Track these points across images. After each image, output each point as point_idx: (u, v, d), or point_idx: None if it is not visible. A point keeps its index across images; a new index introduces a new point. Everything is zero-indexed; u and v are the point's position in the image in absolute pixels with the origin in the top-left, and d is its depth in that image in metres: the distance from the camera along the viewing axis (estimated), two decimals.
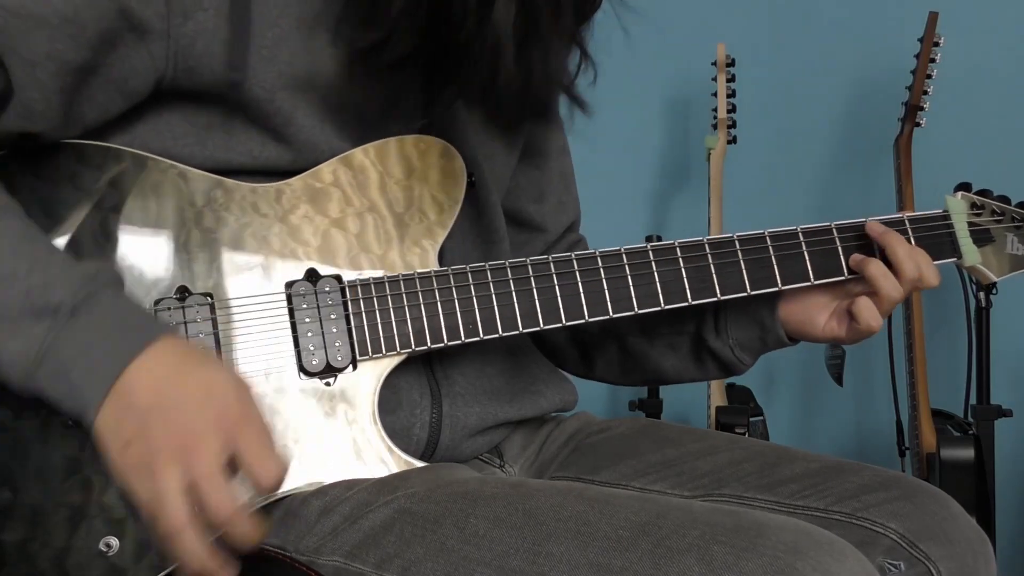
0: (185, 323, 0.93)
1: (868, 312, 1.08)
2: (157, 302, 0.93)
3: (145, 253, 0.94)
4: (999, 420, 2.11)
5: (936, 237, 1.14)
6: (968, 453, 2.02)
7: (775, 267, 1.08)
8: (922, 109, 2.17)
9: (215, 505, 0.80)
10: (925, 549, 0.97)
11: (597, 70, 1.09)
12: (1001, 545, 2.21)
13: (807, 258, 1.09)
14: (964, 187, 1.19)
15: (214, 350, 0.93)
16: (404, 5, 0.92)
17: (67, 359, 0.82)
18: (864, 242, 1.11)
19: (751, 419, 2.15)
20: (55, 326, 0.82)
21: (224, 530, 0.81)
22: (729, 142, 2.27)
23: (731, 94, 2.27)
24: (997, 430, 2.10)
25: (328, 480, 0.95)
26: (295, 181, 0.98)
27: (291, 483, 0.94)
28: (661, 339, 1.19)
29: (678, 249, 1.05)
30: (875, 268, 1.08)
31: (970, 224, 1.16)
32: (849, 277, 1.10)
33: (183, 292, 0.94)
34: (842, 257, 1.10)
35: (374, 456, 0.96)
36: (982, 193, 1.18)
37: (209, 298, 0.94)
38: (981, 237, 1.16)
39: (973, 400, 2.14)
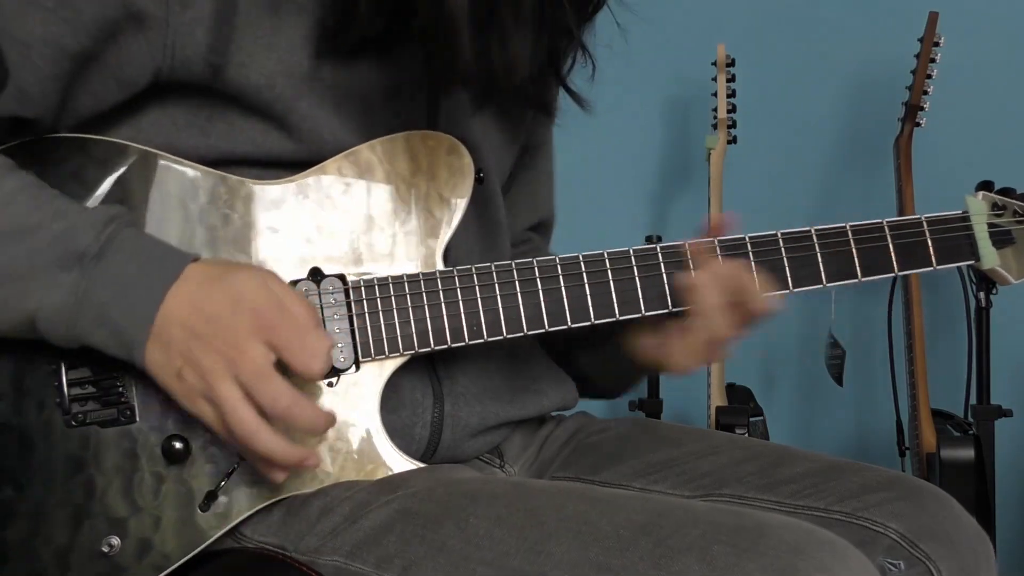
0: None
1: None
2: None
3: None
4: (999, 420, 2.11)
5: (954, 239, 1.11)
6: (968, 453, 2.02)
7: (787, 269, 1.06)
8: (922, 109, 2.18)
9: (270, 399, 0.85)
10: (925, 549, 0.97)
11: (596, 66, 1.09)
12: (1001, 545, 2.22)
13: (820, 260, 1.06)
14: (986, 186, 1.14)
15: (239, 258, 0.95)
16: None
17: (104, 302, 0.85)
18: (880, 244, 1.09)
19: (751, 419, 2.15)
20: (84, 272, 0.85)
21: (288, 421, 0.86)
22: (729, 142, 2.27)
23: (731, 94, 2.27)
24: (997, 430, 2.10)
25: (328, 480, 0.95)
26: (300, 178, 0.98)
27: (291, 483, 0.94)
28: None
29: (688, 250, 1.03)
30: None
31: (990, 225, 1.13)
32: (862, 280, 1.08)
33: None
34: (856, 259, 1.07)
35: (375, 456, 0.96)
36: (1004, 192, 1.15)
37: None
38: (1001, 238, 1.13)
39: (973, 400, 2.14)
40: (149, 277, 0.87)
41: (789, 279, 1.06)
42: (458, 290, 0.98)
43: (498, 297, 0.99)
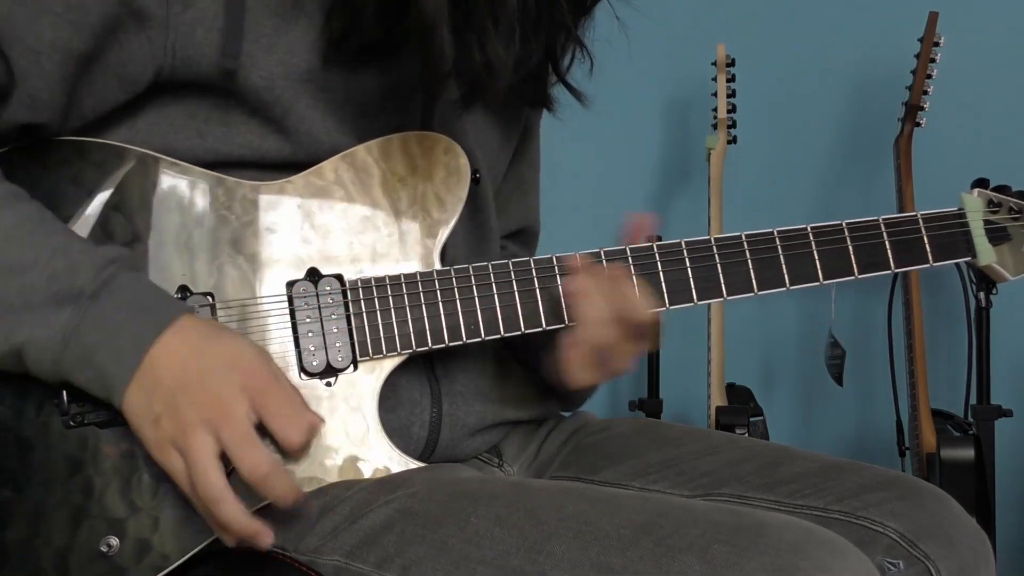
0: None
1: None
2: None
3: (146, 252, 0.94)
4: (999, 420, 2.11)
5: (950, 236, 1.12)
6: (968, 453, 2.02)
7: (783, 267, 1.06)
8: (922, 109, 2.18)
9: (250, 464, 0.84)
10: (924, 548, 0.97)
11: (595, 62, 1.09)
12: (1001, 545, 2.21)
13: (816, 257, 1.07)
14: (981, 183, 1.15)
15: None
16: None
17: (91, 344, 0.85)
18: (876, 241, 1.09)
19: (751, 419, 2.15)
20: (78, 311, 0.85)
21: (262, 490, 0.86)
22: (729, 142, 2.27)
23: (731, 94, 2.27)
24: (997, 430, 2.10)
25: (328, 480, 0.95)
26: (297, 179, 0.98)
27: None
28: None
29: (684, 248, 1.04)
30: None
31: (986, 222, 1.13)
32: (859, 277, 1.08)
33: (184, 292, 0.94)
34: (852, 256, 1.08)
35: (374, 456, 0.96)
36: (1000, 189, 1.15)
37: (210, 298, 0.94)
38: (997, 235, 1.13)
39: (973, 400, 2.14)
40: (141, 323, 0.86)
41: (786, 277, 1.06)
42: (455, 289, 0.99)
43: (495, 296, 0.99)
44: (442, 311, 0.98)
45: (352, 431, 0.96)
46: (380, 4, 0.92)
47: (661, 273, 1.03)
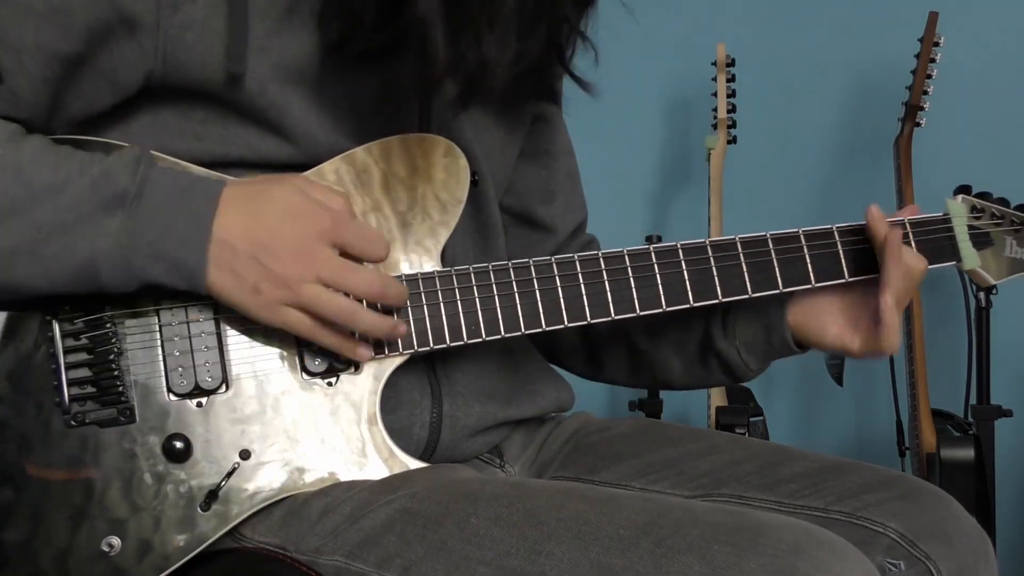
0: (188, 322, 0.93)
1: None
2: (159, 300, 0.93)
3: None
4: (999, 420, 2.11)
5: (936, 240, 1.14)
6: (968, 453, 2.02)
7: (776, 269, 1.07)
8: (922, 109, 2.18)
9: (364, 285, 0.92)
10: (925, 548, 0.97)
11: (598, 52, 1.09)
12: (1001, 545, 2.22)
13: (808, 261, 1.08)
14: (964, 190, 1.18)
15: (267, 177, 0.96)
16: None
17: (155, 239, 0.87)
18: (866, 246, 1.10)
19: (751, 419, 2.15)
20: (129, 213, 0.86)
21: (383, 299, 0.93)
22: (729, 142, 2.27)
23: (731, 94, 2.27)
24: (997, 430, 2.10)
25: (329, 480, 0.95)
26: None
27: (292, 483, 0.94)
28: (669, 338, 1.19)
29: (680, 251, 1.05)
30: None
31: (970, 227, 1.15)
32: (849, 280, 1.10)
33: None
34: (843, 260, 1.10)
35: (375, 456, 0.96)
36: (982, 196, 1.18)
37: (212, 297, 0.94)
38: (980, 240, 1.16)
39: (973, 400, 2.14)
40: (192, 206, 0.88)
41: (779, 279, 1.07)
42: (456, 290, 0.99)
43: (496, 297, 1.00)
44: (443, 311, 0.98)
45: (354, 431, 0.96)
46: (378, 7, 0.92)
47: (658, 275, 1.04)
